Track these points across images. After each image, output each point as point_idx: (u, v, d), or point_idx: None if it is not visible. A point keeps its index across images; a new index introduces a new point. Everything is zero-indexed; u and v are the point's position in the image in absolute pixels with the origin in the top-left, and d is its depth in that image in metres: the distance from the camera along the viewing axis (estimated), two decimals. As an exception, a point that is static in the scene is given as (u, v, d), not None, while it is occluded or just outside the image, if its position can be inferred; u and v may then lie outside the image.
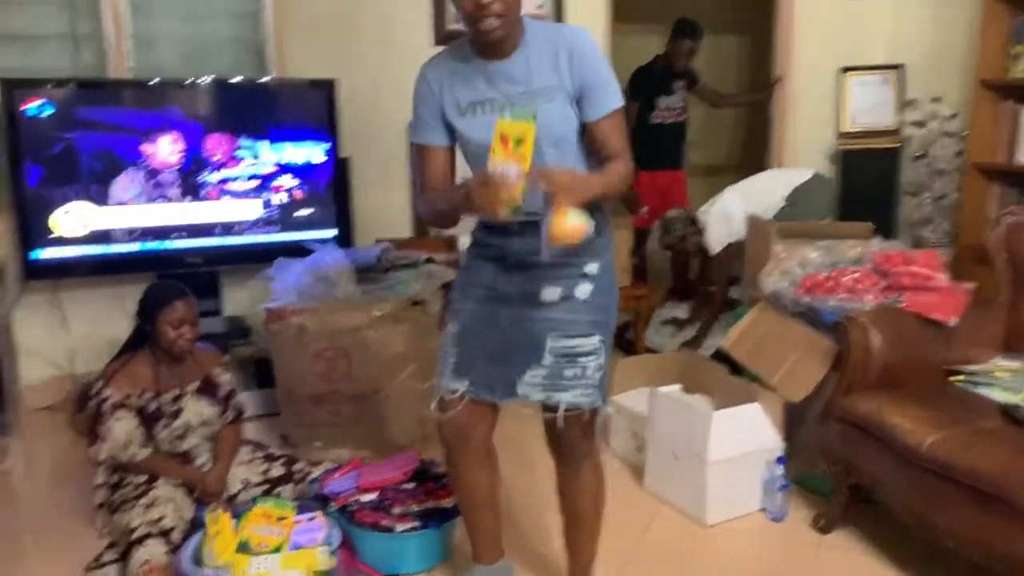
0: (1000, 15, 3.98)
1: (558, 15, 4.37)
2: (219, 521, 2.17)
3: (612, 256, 2.04)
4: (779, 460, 2.73)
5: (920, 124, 4.49)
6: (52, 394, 3.74)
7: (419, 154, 2.02)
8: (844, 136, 4.92)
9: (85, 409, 3.54)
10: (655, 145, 4.84)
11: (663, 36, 4.97)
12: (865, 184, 4.80)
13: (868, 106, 4.92)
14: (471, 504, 2.19)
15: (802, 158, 4.97)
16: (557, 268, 1.93)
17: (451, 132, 1.97)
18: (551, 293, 1.94)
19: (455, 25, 4.20)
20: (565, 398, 1.94)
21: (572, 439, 2.02)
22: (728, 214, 4.04)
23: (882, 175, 4.77)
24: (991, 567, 2.12)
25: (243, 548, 2.14)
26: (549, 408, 1.96)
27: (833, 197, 4.10)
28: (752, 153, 6.07)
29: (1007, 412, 2.30)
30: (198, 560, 2.19)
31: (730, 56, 6.64)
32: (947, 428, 2.23)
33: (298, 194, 3.76)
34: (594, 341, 1.95)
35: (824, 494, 2.75)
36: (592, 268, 1.96)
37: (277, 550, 2.12)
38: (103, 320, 3.77)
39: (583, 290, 1.96)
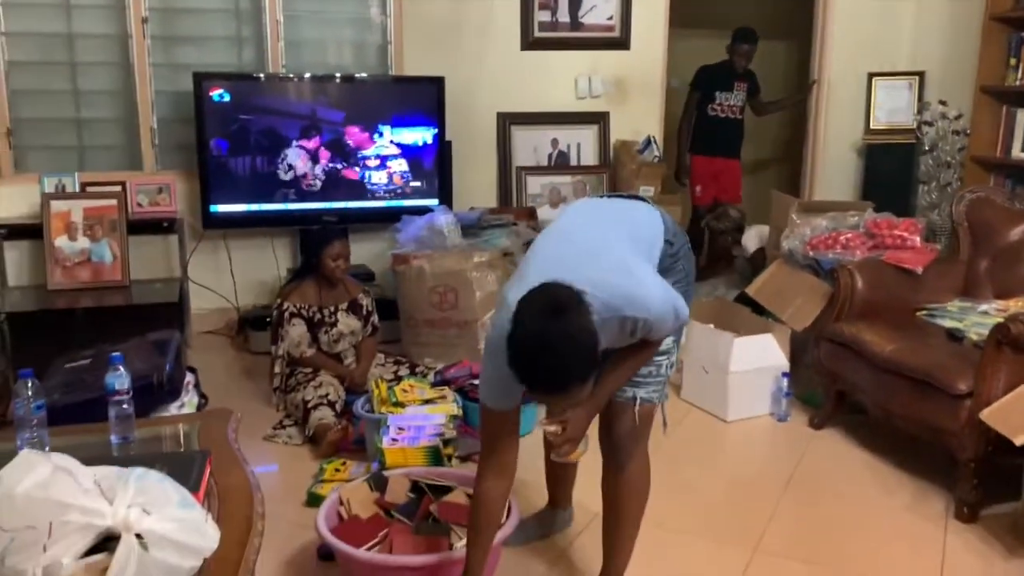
0: (998, 32, 4.71)
1: (626, 24, 5.21)
2: (380, 386, 3.10)
3: (682, 303, 1.96)
4: (784, 375, 3.57)
5: (929, 123, 5.22)
6: (215, 321, 4.75)
7: (493, 417, 1.98)
8: (869, 133, 5.69)
9: (244, 331, 4.54)
10: (708, 134, 5.58)
11: (713, 39, 5.68)
12: (886, 174, 5.58)
13: (891, 107, 5.69)
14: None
15: (833, 151, 5.77)
16: None
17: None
18: None
19: (540, 33, 5.09)
20: (639, 393, 2.07)
21: (622, 436, 2.10)
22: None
23: (901, 167, 5.53)
24: (924, 437, 2.96)
25: (396, 404, 3.06)
26: (618, 404, 2.07)
27: None
28: (791, 148, 6.84)
29: (950, 333, 3.11)
30: (368, 411, 3.12)
31: (778, 59, 7.40)
32: (902, 342, 3.06)
33: (410, 169, 4.68)
34: (668, 341, 2.07)
35: (817, 406, 3.58)
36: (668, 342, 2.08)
37: (423, 404, 3.04)
38: (256, 263, 4.76)
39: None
